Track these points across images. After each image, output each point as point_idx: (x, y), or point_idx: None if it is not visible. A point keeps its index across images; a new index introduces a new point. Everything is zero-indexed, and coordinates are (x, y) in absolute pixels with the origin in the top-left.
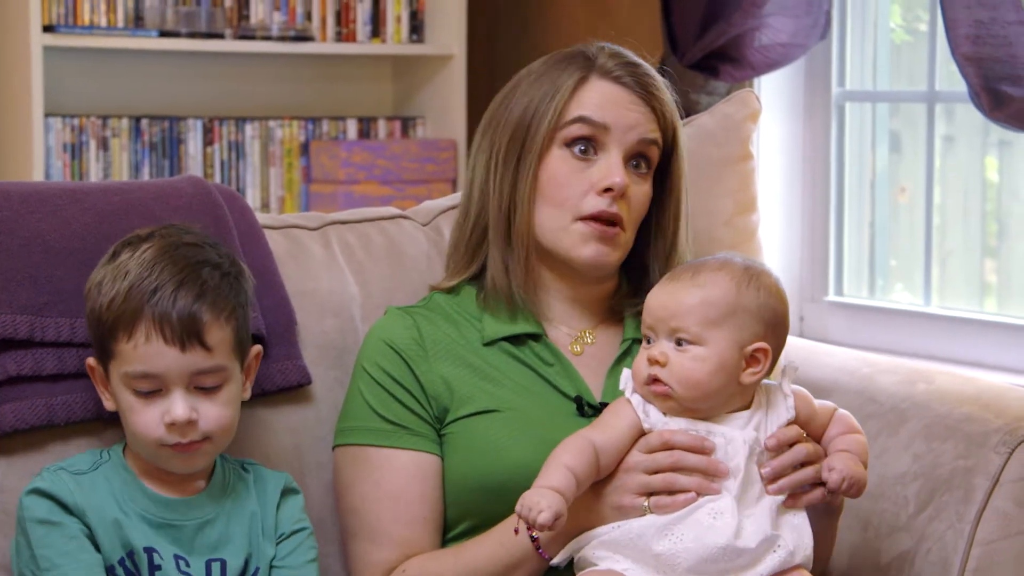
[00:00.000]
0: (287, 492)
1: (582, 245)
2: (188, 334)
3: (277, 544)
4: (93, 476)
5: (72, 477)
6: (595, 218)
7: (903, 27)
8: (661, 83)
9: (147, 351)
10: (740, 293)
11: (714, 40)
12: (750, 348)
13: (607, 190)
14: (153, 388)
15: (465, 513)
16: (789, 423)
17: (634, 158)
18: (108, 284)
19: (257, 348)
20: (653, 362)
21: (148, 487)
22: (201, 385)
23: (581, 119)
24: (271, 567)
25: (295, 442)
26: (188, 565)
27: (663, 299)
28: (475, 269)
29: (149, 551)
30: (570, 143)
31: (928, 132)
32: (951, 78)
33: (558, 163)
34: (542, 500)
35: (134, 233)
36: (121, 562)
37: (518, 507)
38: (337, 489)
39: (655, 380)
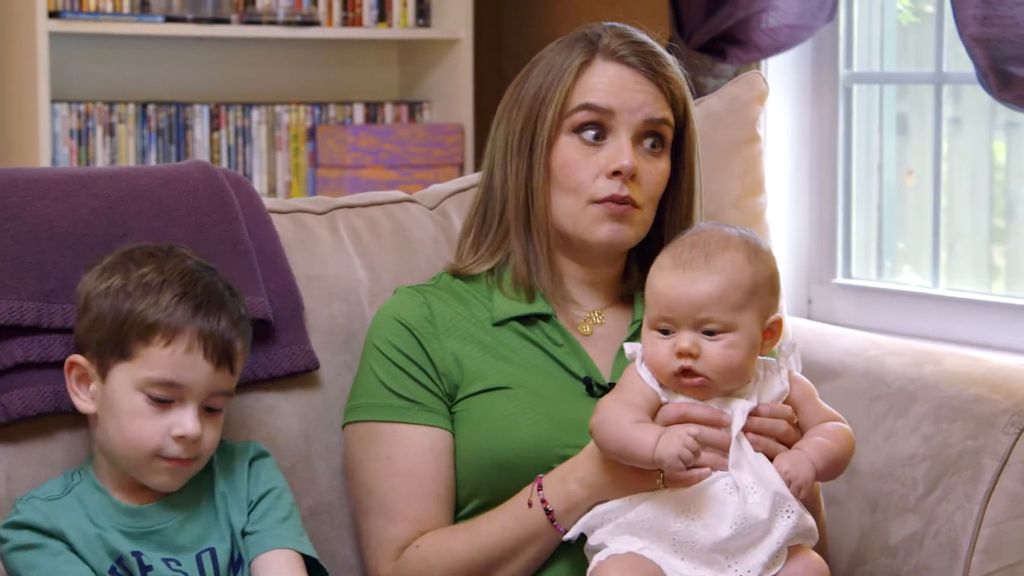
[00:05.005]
0: (256, 458)
1: (597, 226)
2: (224, 355)
3: (249, 513)
4: (67, 500)
5: (44, 503)
6: (607, 201)
7: (910, 8)
8: (668, 60)
9: (184, 361)
10: (754, 269)
11: (721, 22)
12: (768, 322)
13: (616, 173)
14: (168, 397)
15: (476, 491)
16: (783, 394)
17: (646, 137)
18: (139, 290)
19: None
20: (685, 355)
21: (120, 501)
22: (210, 406)
23: (586, 106)
24: (243, 534)
25: (303, 427)
26: (180, 564)
27: (682, 290)
28: (500, 259)
29: (137, 555)
30: (578, 129)
31: (936, 114)
32: (958, 59)
33: (568, 150)
34: (675, 440)
35: (139, 247)
36: (112, 570)
37: (669, 463)
38: (348, 467)
39: (687, 372)
